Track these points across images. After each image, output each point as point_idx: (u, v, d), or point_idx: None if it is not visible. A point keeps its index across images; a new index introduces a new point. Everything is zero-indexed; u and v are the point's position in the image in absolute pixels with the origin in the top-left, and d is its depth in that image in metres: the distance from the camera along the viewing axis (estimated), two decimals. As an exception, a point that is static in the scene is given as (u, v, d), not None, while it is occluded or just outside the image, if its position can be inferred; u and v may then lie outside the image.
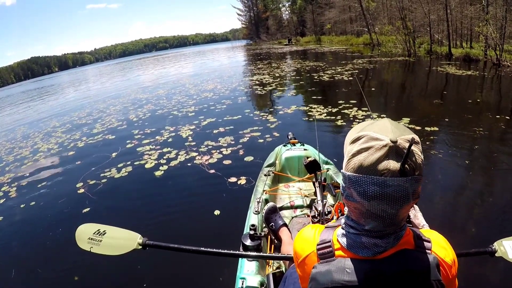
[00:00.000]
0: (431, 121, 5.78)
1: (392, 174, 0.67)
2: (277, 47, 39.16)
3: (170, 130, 6.77)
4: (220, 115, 7.46)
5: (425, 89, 9.38)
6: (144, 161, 5.26)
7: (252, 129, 6.15)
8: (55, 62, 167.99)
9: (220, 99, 9.52)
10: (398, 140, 0.68)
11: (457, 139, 5.00)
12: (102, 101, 13.07)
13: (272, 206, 2.12)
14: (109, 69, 51.81)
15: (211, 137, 5.94)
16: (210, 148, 5.41)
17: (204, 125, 6.86)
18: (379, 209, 0.71)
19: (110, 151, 6.04)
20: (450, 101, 7.41)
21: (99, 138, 7.21)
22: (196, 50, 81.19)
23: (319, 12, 41.09)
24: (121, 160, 5.48)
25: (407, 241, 0.78)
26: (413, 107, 7.24)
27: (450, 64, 13.00)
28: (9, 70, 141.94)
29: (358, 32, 31.53)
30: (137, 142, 6.37)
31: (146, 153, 5.62)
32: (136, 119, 8.38)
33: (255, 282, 1.69)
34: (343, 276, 0.76)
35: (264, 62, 20.88)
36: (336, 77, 11.47)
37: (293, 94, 9.61)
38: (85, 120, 9.62)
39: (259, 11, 62.52)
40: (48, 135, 8.48)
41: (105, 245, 1.49)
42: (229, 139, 5.71)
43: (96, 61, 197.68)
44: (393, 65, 14.95)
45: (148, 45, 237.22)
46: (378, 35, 25.17)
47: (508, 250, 1.23)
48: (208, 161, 4.88)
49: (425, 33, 18.22)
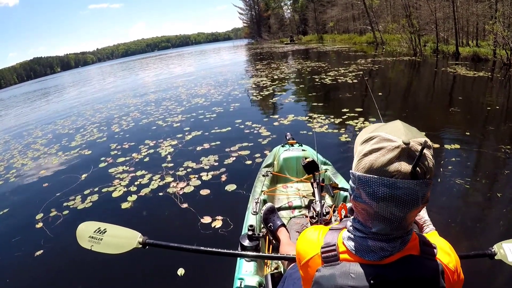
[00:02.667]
0: (450, 135, 5.04)
1: (403, 176, 0.67)
2: (278, 46, 38.34)
3: (150, 146, 6.01)
4: (207, 127, 6.68)
5: (438, 94, 8.52)
6: (113, 188, 4.51)
7: (241, 145, 5.34)
8: (57, 63, 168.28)
9: (211, 106, 8.73)
10: (411, 142, 0.68)
11: (484, 162, 4.20)
12: (91, 107, 12.32)
13: (271, 206, 2.16)
14: (109, 69, 51.51)
15: (193, 156, 5.15)
16: (189, 171, 4.61)
17: (188, 140, 6.07)
18: (387, 212, 0.70)
19: (81, 171, 5.36)
20: (467, 108, 6.54)
21: (75, 153, 6.52)
22: (198, 49, 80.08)
23: (321, 10, 40.66)
24: (90, 184, 4.77)
25: (413, 247, 0.77)
26: (429, 117, 6.33)
27: (458, 64, 12.20)
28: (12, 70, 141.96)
29: (361, 31, 30.86)
30: (112, 160, 5.64)
31: (118, 176, 4.87)
32: (118, 130, 7.66)
33: (254, 283, 1.66)
34: (348, 281, 0.75)
35: (264, 62, 20.07)
36: (339, 79, 10.63)
37: (291, 100, 8.71)
38: (67, 129, 8.96)
39: (260, 10, 61.67)
40: (27, 147, 7.85)
41: (105, 244, 1.50)
42: (213, 159, 4.91)
43: (98, 61, 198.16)
44: (399, 65, 14.13)
45: (150, 44, 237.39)
46: (382, 34, 24.35)
47: (507, 253, 1.22)
48: (183, 189, 4.08)
49: (430, 31, 17.57)
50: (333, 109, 7.24)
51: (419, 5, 18.01)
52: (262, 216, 2.13)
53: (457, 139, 4.79)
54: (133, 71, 32.79)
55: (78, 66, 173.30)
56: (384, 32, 24.49)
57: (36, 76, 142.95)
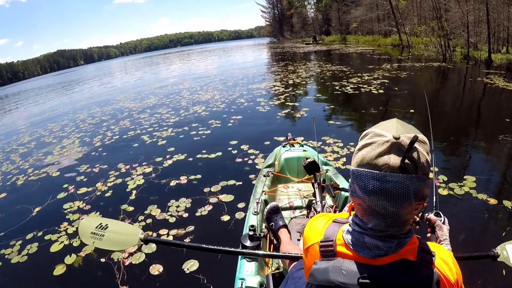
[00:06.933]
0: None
1: (392, 169, 0.67)
2: (299, 46, 36.70)
3: (121, 173, 4.92)
4: (195, 149, 5.50)
5: (484, 115, 6.92)
6: (56, 236, 3.49)
7: (226, 184, 4.10)
8: (80, 55, 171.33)
9: (209, 117, 7.56)
10: (401, 136, 0.69)
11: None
12: (88, 109, 11.43)
13: (275, 205, 2.14)
14: (128, 64, 51.30)
15: (162, 197, 3.99)
16: (149, 223, 3.44)
17: (165, 167, 4.92)
18: (380, 206, 0.70)
19: (37, 201, 4.43)
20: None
21: (43, 173, 5.59)
22: (220, 46, 78.95)
23: (345, 10, 39.15)
24: (37, 224, 3.87)
25: (410, 251, 0.76)
26: (478, 148, 4.96)
27: (493, 73, 10.67)
28: (35, 62, 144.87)
29: (385, 32, 29.11)
30: (74, 189, 4.62)
31: (69, 217, 3.84)
32: (99, 144, 6.67)
33: (255, 283, 1.65)
34: (338, 277, 0.76)
35: (281, 64, 18.75)
36: (363, 88, 9.22)
37: (303, 115, 7.18)
38: (52, 137, 8.10)
39: (283, 8, 60.20)
40: (6, 158, 7.04)
41: (108, 240, 1.50)
42: (183, 206, 3.69)
43: (121, 55, 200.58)
44: (429, 72, 12.60)
45: (173, 40, 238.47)
46: (409, 36, 22.66)
47: (510, 254, 1.17)
48: (130, 258, 2.90)
49: (459, 35, 16.09)
50: (353, 131, 6.01)
51: (450, 7, 16.53)
52: (266, 214, 2.11)
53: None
54: (150, 67, 32.36)
55: (101, 60, 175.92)
56: (410, 34, 22.86)
57: (59, 68, 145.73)
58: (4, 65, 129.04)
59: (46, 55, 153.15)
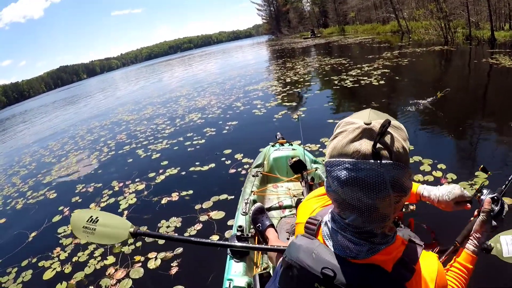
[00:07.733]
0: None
1: (364, 156, 0.63)
2: (298, 41, 36.51)
3: (114, 191, 4.84)
4: (188, 161, 5.36)
5: (491, 101, 6.44)
6: (49, 263, 3.44)
7: (218, 199, 3.94)
8: (83, 70, 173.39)
9: (204, 125, 7.42)
10: (372, 122, 0.66)
11: None
12: (87, 124, 11.47)
13: (259, 206, 2.12)
14: (129, 75, 51.95)
15: (153, 215, 3.88)
16: (139, 246, 3.30)
17: (158, 183, 4.81)
18: (355, 198, 0.66)
19: (33, 226, 4.41)
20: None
21: (41, 195, 5.60)
22: (219, 48, 78.59)
23: (341, 0, 38.92)
24: (32, 249, 3.84)
25: (385, 262, 0.71)
26: (496, 140, 4.49)
27: (498, 52, 10.33)
28: (39, 80, 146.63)
29: (384, 19, 28.77)
30: (69, 212, 4.60)
31: (62, 242, 3.79)
32: (95, 162, 6.64)
33: (243, 283, 1.68)
34: (307, 259, 0.74)
35: (279, 61, 18.61)
36: (362, 80, 8.96)
37: (300, 115, 6.88)
38: (51, 157, 8.11)
39: (279, 4, 59.80)
40: (8, 180, 7.10)
41: (99, 234, 1.52)
42: (174, 226, 3.56)
43: (122, 65, 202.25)
44: (431, 57, 12.31)
45: (172, 46, 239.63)
46: (408, 21, 22.30)
47: (504, 247, 1.07)
48: (118, 285, 2.79)
49: (460, 15, 15.81)
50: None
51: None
52: (251, 216, 2.09)
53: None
54: (150, 76, 32.37)
55: (103, 72, 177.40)
56: (409, 19, 22.51)
57: (63, 83, 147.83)
58: (9, 86, 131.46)
59: (49, 72, 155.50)
